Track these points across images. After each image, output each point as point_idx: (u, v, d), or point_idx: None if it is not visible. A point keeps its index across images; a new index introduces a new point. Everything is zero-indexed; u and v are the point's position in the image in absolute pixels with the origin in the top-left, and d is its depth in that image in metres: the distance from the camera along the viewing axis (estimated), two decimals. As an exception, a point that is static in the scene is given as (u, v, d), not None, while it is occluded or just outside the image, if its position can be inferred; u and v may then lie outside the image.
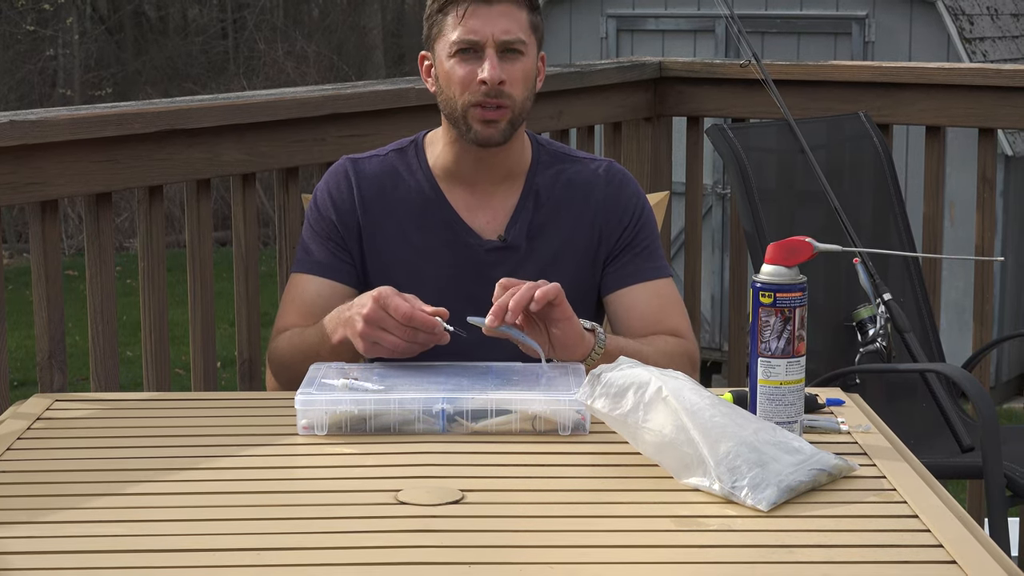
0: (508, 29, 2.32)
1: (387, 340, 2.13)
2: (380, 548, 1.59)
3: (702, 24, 9.27)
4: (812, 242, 1.90)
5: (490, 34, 2.32)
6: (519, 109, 2.36)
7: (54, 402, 2.14)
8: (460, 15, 2.32)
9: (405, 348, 2.14)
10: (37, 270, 2.75)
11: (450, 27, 2.34)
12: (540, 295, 2.10)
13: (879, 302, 3.24)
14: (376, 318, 2.13)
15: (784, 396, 1.89)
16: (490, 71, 2.31)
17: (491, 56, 2.32)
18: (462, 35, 2.32)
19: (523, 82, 2.35)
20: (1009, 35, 9.20)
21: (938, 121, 3.78)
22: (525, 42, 2.35)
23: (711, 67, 4.02)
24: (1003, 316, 8.49)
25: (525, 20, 2.35)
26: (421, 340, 2.13)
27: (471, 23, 2.32)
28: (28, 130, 2.65)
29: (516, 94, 2.34)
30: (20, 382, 7.96)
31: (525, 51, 2.35)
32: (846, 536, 1.62)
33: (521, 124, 2.39)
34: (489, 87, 2.32)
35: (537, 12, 2.39)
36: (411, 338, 2.12)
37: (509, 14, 2.33)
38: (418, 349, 2.15)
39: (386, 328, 2.12)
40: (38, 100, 14.30)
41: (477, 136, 2.36)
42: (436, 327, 2.11)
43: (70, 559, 1.56)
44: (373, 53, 15.82)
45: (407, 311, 2.10)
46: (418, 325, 2.11)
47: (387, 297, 2.12)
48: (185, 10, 16.59)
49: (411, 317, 2.11)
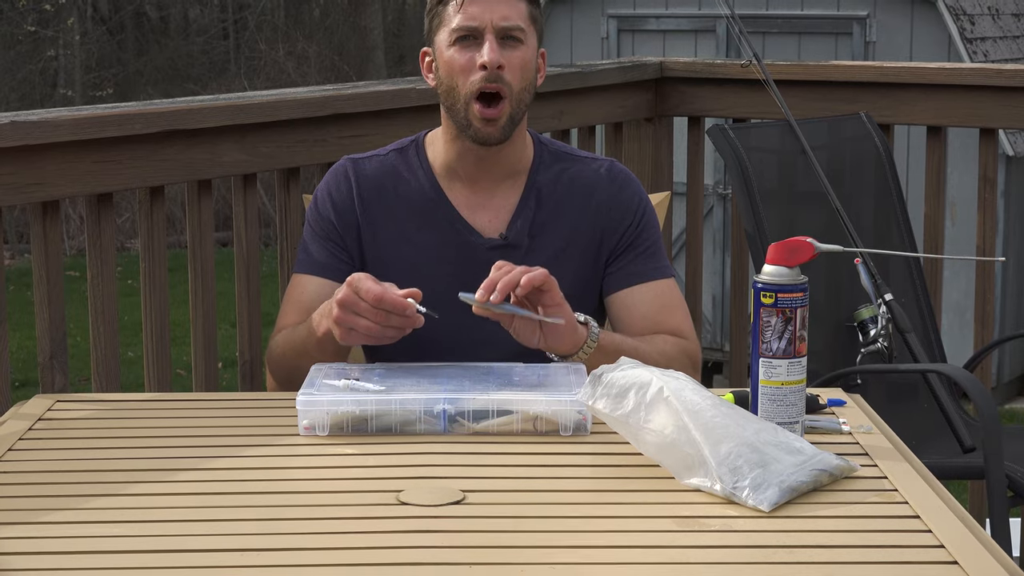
0: (507, 15, 2.34)
1: (360, 324, 2.13)
2: (381, 548, 1.59)
3: (703, 24, 9.27)
4: (813, 242, 1.90)
5: (489, 20, 2.33)
6: (517, 100, 2.36)
7: (55, 403, 2.14)
8: (459, 4, 2.34)
9: (379, 332, 2.13)
10: (38, 271, 2.75)
11: (450, 16, 2.36)
12: (526, 280, 2.11)
13: (880, 302, 3.24)
14: (349, 302, 2.13)
15: (785, 396, 1.89)
16: (489, 54, 2.32)
17: (491, 40, 2.33)
18: (461, 22, 2.34)
19: (521, 70, 2.36)
20: (1010, 35, 9.19)
21: (939, 121, 3.78)
22: (524, 30, 2.36)
23: (712, 67, 4.02)
24: (1004, 316, 8.49)
25: (524, 10, 2.37)
26: (395, 323, 2.12)
27: (470, 10, 2.34)
28: (29, 131, 2.65)
29: (514, 82, 2.35)
30: (21, 383, 7.97)
31: (524, 39, 2.36)
32: (847, 536, 1.62)
33: (520, 120, 2.39)
34: (489, 71, 2.32)
35: (536, 5, 2.40)
36: (384, 321, 2.12)
37: (508, 2, 2.35)
38: (393, 334, 2.14)
39: (359, 312, 2.12)
40: (39, 101, 14.31)
41: (477, 134, 2.36)
42: (408, 309, 2.11)
43: (71, 559, 1.56)
44: (374, 53, 15.83)
45: (377, 293, 2.10)
46: (388, 307, 2.11)
47: (358, 281, 2.13)
48: (186, 10, 16.60)
49: (381, 299, 2.10)
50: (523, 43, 2.36)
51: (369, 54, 15.82)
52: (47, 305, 2.76)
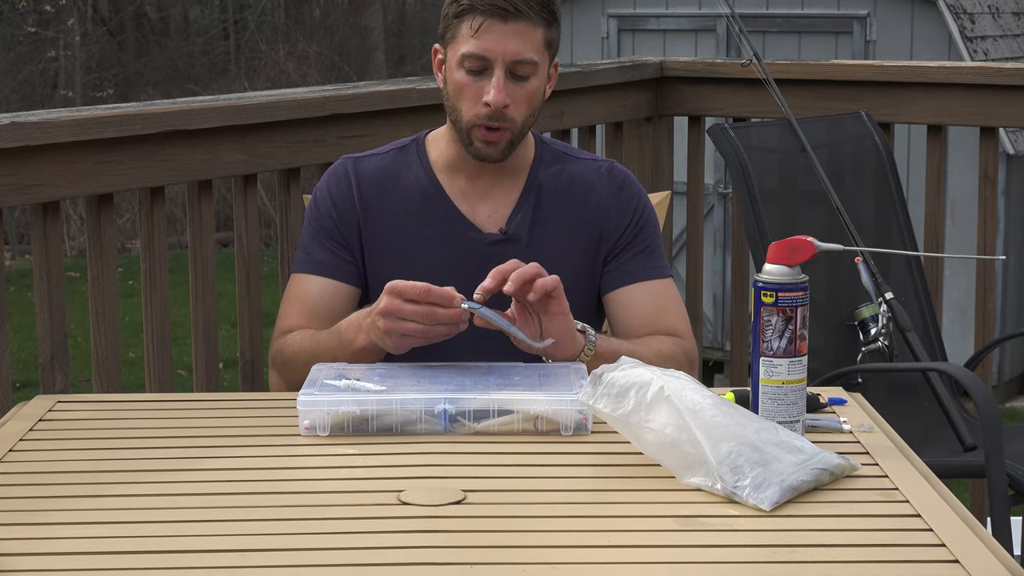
0: (519, 51, 2.30)
1: (409, 328, 2.12)
2: (382, 548, 1.59)
3: (703, 23, 9.27)
4: (814, 241, 1.90)
5: (500, 54, 2.30)
6: (519, 129, 2.36)
7: (56, 403, 2.15)
8: (474, 28, 2.30)
9: (429, 332, 2.12)
10: (39, 271, 2.75)
11: (463, 36, 2.32)
12: (539, 284, 2.11)
13: (881, 301, 3.24)
14: (392, 309, 2.12)
15: (786, 395, 1.89)
16: (495, 96, 2.30)
17: (499, 78, 2.31)
18: (472, 49, 2.31)
19: (527, 104, 2.35)
20: (1010, 33, 9.19)
21: (939, 120, 3.78)
22: (537, 63, 2.33)
23: (712, 66, 4.02)
24: (1005, 315, 8.49)
25: (540, 38, 2.33)
26: (442, 319, 2.11)
27: (484, 39, 2.30)
28: (30, 131, 2.65)
29: (518, 117, 2.34)
30: (22, 383, 7.97)
31: (535, 72, 2.34)
32: (848, 536, 1.62)
33: (521, 140, 2.39)
34: (492, 110, 2.31)
35: (554, 26, 2.36)
36: (432, 319, 2.11)
37: (523, 34, 2.31)
38: (445, 331, 2.13)
39: (405, 316, 2.12)
40: (40, 102, 14.32)
41: (477, 152, 2.37)
42: (455, 299, 2.10)
43: (72, 560, 1.56)
44: (374, 54, 15.83)
45: (423, 286, 2.10)
46: (436, 299, 2.10)
47: (397, 284, 2.12)
48: (186, 11, 16.60)
49: (429, 291, 2.10)
50: (534, 75, 2.34)
51: (369, 54, 15.83)
52: (48, 306, 2.76)
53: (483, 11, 2.30)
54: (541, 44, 2.33)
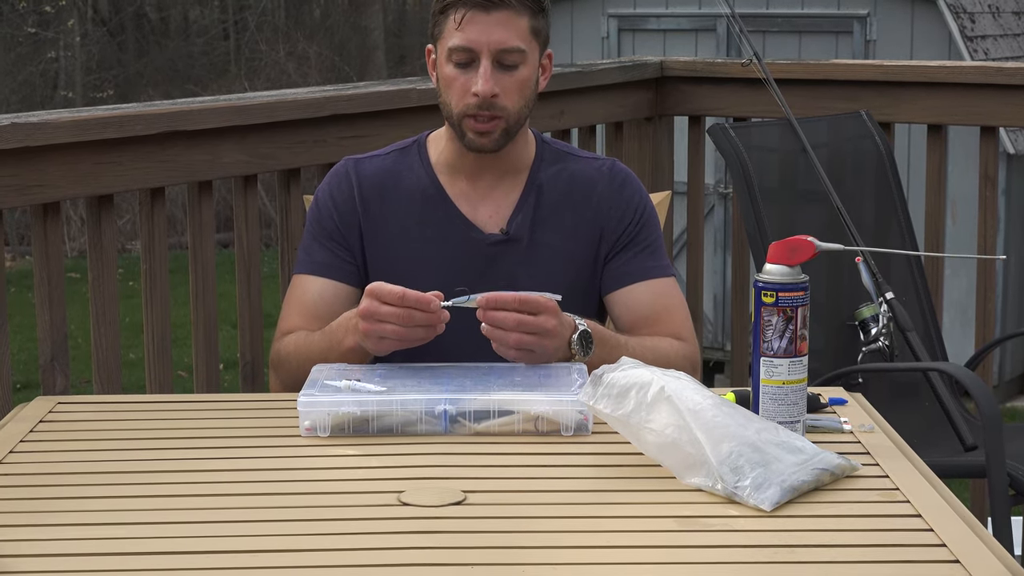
0: (504, 40, 2.31)
1: (387, 330, 2.13)
2: (383, 549, 1.59)
3: (703, 23, 9.27)
4: (814, 241, 1.90)
5: (486, 44, 2.31)
6: (514, 119, 2.36)
7: (57, 404, 2.15)
8: (458, 20, 2.32)
9: (407, 334, 2.13)
10: (39, 272, 2.75)
11: (449, 30, 2.33)
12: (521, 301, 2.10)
13: (881, 301, 3.24)
14: (370, 311, 2.13)
15: (787, 396, 1.89)
16: (483, 85, 2.31)
17: (485, 68, 2.31)
18: (458, 42, 2.32)
19: (518, 92, 2.35)
20: (1011, 33, 9.19)
21: (940, 120, 3.78)
22: (524, 51, 2.34)
23: (712, 66, 4.02)
24: (1005, 314, 8.48)
25: (525, 27, 2.34)
26: (420, 321, 2.11)
27: (468, 31, 2.31)
28: (30, 132, 2.65)
29: (510, 105, 2.34)
30: (23, 385, 7.97)
31: (523, 60, 2.34)
32: (849, 536, 1.62)
33: (518, 131, 2.39)
34: (481, 100, 2.32)
35: (541, 15, 2.36)
36: (409, 321, 2.11)
37: (507, 23, 2.32)
38: (422, 334, 2.13)
39: (382, 318, 2.12)
40: (40, 102, 14.31)
41: (471, 144, 2.37)
42: (431, 303, 2.10)
43: (72, 561, 1.56)
44: (374, 54, 15.83)
45: (399, 291, 2.10)
46: (412, 303, 2.10)
47: (376, 286, 2.13)
48: (186, 11, 16.60)
49: (403, 296, 2.10)
50: (522, 63, 2.34)
51: (369, 54, 15.83)
52: (48, 307, 2.76)
53: (466, 3, 2.31)
54: (527, 32, 2.34)
